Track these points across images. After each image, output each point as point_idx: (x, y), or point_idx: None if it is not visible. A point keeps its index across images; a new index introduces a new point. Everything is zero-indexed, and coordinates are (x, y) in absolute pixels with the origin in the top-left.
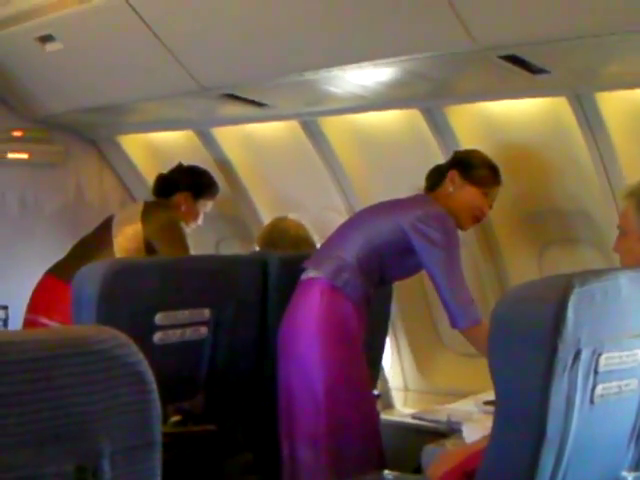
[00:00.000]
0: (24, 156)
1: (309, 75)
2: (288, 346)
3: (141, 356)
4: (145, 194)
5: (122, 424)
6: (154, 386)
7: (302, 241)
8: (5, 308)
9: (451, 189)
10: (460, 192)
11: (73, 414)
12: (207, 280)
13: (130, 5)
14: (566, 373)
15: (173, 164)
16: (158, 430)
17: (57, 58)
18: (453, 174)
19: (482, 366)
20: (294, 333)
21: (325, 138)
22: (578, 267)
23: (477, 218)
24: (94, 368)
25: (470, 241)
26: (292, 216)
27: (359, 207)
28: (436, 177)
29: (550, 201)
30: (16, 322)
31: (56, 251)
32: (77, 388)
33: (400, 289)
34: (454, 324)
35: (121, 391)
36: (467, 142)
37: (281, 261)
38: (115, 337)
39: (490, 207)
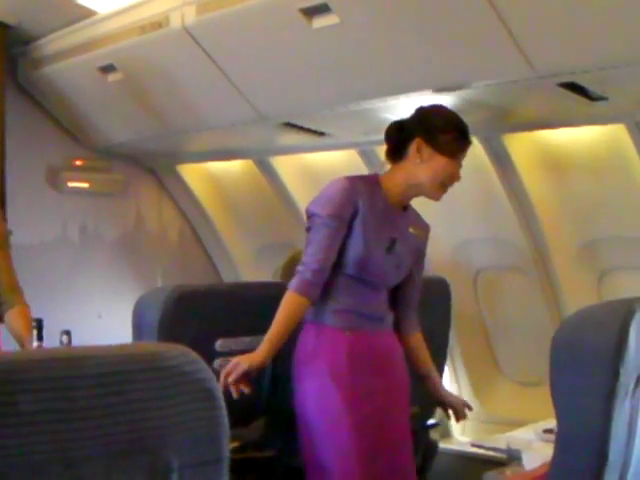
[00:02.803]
0: (85, 185)
1: (368, 104)
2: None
3: (210, 373)
4: (205, 223)
5: (191, 439)
6: (222, 402)
7: None
8: (68, 333)
9: (419, 160)
10: (429, 164)
11: (144, 428)
12: (267, 307)
13: (191, 35)
14: (628, 398)
15: (232, 193)
16: (226, 446)
17: (118, 88)
18: (420, 143)
19: (540, 395)
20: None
21: (384, 167)
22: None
23: (446, 186)
24: (165, 384)
25: (528, 270)
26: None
27: None
28: (398, 138)
29: (610, 228)
30: None
31: (116, 279)
32: (148, 403)
33: (458, 318)
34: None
35: (191, 407)
36: (526, 170)
37: None
38: (185, 354)
39: (460, 167)
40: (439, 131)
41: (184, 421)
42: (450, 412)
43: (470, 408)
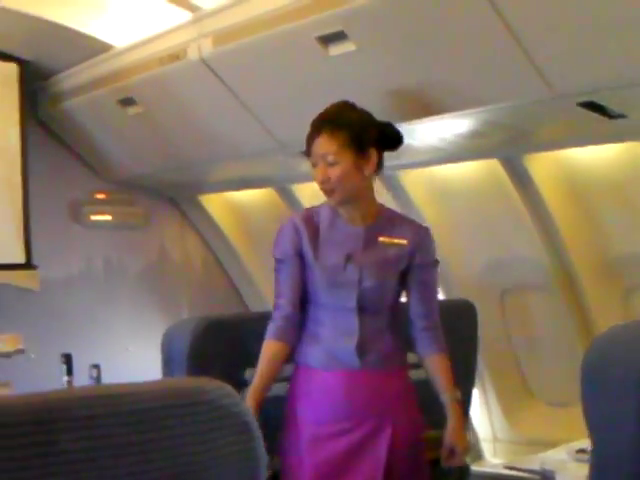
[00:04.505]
0: (107, 218)
1: None
2: None
3: (246, 406)
4: (228, 251)
5: (230, 473)
6: (259, 434)
7: None
8: (97, 367)
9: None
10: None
11: (183, 463)
12: None
13: (208, 66)
14: None
15: (254, 221)
16: (264, 478)
17: (138, 120)
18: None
19: (571, 415)
20: None
21: (405, 192)
22: None
23: (323, 189)
24: (202, 418)
25: (554, 289)
26: None
27: (442, 259)
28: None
29: (634, 245)
30: (108, 381)
31: (141, 311)
32: (186, 438)
33: (485, 339)
34: None
35: (228, 440)
36: (548, 189)
37: None
38: (221, 388)
39: (315, 166)
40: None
41: (222, 455)
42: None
43: (462, 464)
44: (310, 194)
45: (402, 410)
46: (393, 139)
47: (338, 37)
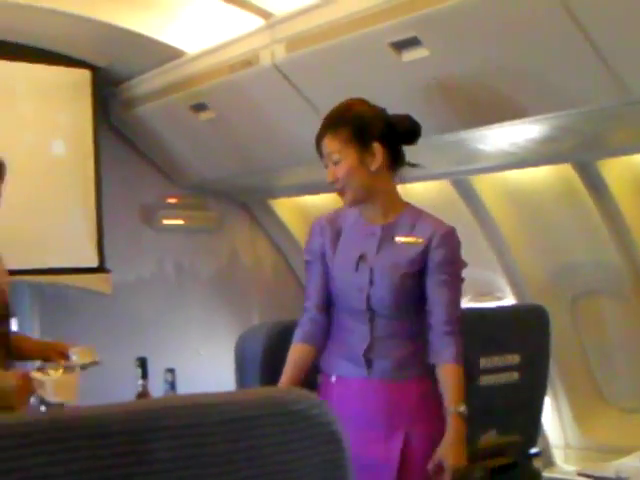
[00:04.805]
0: (179, 222)
1: (460, 134)
2: None
3: (334, 416)
4: (298, 255)
5: None
6: (347, 444)
7: None
8: (172, 371)
9: None
10: None
11: (271, 472)
12: None
13: (281, 72)
14: None
15: None
16: None
17: (210, 126)
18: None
19: None
20: None
21: (477, 196)
22: None
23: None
24: (292, 428)
25: (627, 294)
26: None
27: (514, 264)
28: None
29: None
30: (183, 386)
31: (212, 314)
32: (275, 448)
33: (557, 345)
34: None
35: (317, 450)
36: (622, 195)
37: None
38: (309, 398)
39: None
40: None
41: (310, 465)
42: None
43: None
44: None
45: (417, 424)
46: (405, 132)
47: (411, 43)
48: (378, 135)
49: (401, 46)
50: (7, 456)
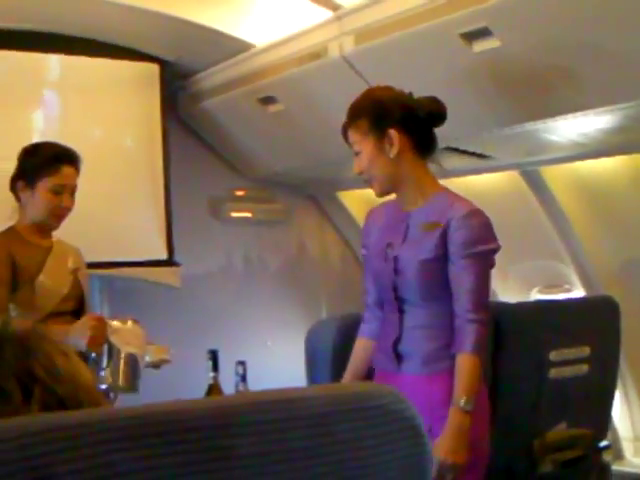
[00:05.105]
0: (247, 215)
1: (530, 125)
2: None
3: (416, 411)
4: None
5: (398, 478)
6: (428, 439)
7: None
8: (243, 364)
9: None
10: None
11: (352, 468)
12: None
13: (350, 64)
14: None
15: None
16: None
17: (278, 118)
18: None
19: None
20: None
21: (546, 187)
22: None
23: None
24: (374, 423)
25: None
26: None
27: (584, 255)
28: None
29: None
30: (253, 378)
31: (280, 306)
32: (357, 443)
33: (628, 337)
34: None
35: (399, 445)
36: None
37: None
38: (391, 393)
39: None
40: None
41: (392, 459)
42: None
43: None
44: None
45: (442, 419)
46: (427, 115)
47: (482, 33)
48: (395, 121)
49: (472, 37)
50: (92, 452)
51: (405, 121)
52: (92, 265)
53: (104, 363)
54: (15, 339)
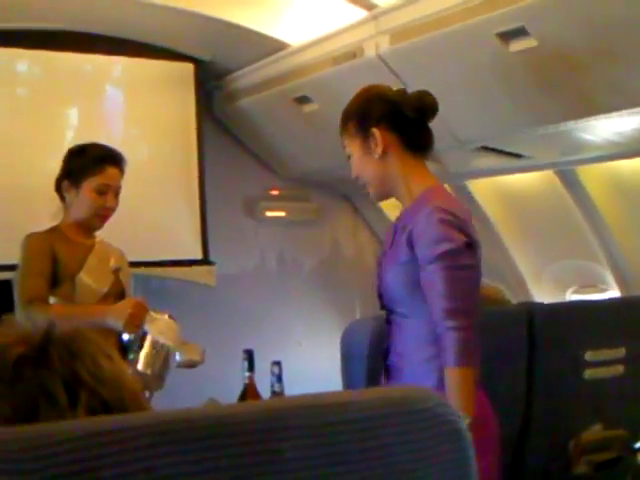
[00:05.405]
0: (281, 214)
1: (567, 125)
2: None
3: (459, 415)
4: None
5: None
6: (471, 443)
7: (506, 304)
8: (278, 364)
9: None
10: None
11: (397, 471)
12: None
13: (386, 64)
14: None
15: None
16: None
17: (313, 118)
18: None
19: None
20: None
21: (582, 187)
22: None
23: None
24: (418, 427)
25: None
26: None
27: (620, 256)
28: None
29: None
30: (286, 379)
31: (314, 306)
32: (401, 447)
33: None
34: None
35: (442, 448)
36: None
37: None
38: (435, 397)
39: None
40: None
41: (436, 463)
42: None
43: None
44: (484, 189)
45: None
46: (412, 111)
47: (519, 33)
48: (379, 119)
49: (508, 36)
50: (140, 455)
51: (390, 118)
52: (130, 264)
53: (136, 347)
54: (60, 341)
